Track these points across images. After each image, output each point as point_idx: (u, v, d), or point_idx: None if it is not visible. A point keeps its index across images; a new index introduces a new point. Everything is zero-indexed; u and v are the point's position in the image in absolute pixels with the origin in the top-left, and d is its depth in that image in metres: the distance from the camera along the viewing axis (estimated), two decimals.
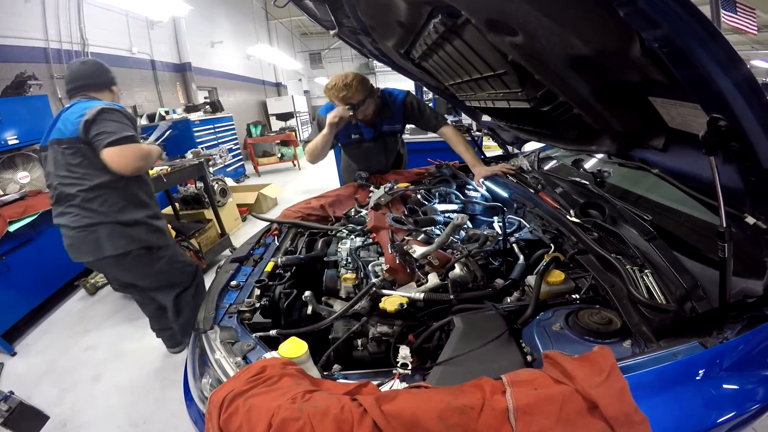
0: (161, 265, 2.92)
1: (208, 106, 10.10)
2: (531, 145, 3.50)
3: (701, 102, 1.00)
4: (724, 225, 1.12)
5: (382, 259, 1.97)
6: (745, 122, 0.93)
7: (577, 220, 1.88)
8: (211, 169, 5.92)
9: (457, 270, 1.74)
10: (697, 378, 1.17)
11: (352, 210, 2.63)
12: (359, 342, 1.54)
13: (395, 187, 2.64)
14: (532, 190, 2.34)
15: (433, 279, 1.74)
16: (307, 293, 1.70)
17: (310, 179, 10.32)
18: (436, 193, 2.85)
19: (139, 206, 2.77)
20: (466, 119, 5.51)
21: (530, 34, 1.14)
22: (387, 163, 3.42)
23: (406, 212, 2.49)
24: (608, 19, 0.87)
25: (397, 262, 1.83)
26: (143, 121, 8.05)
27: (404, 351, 1.33)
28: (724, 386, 1.19)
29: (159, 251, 2.90)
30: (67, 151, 2.54)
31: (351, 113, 2.75)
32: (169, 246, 3.00)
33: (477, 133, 4.46)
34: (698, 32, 0.79)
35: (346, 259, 2.03)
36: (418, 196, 2.75)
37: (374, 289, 1.66)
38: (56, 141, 2.57)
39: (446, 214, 2.44)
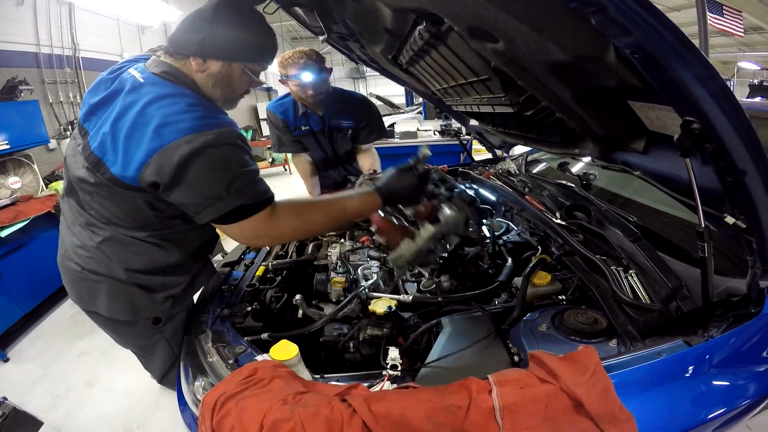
0: None
1: None
2: (520, 149, 3.53)
3: (674, 105, 1.03)
4: (703, 225, 1.15)
5: (372, 263, 1.99)
6: (717, 124, 0.96)
7: (563, 223, 1.91)
8: None
9: (447, 210, 1.64)
10: (686, 375, 1.19)
11: None
12: (351, 345, 1.56)
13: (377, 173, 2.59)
14: (519, 194, 2.37)
15: (427, 228, 1.64)
16: (298, 297, 1.71)
17: (301, 183, 10.25)
18: None
19: None
20: (455, 123, 5.55)
21: (510, 41, 1.16)
22: (334, 157, 3.30)
23: None
24: (582, 26, 0.90)
25: (384, 219, 1.77)
26: None
27: (393, 353, 1.35)
28: (714, 383, 1.22)
29: None
30: None
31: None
32: None
33: (466, 137, 4.48)
34: (667, 38, 0.82)
35: (336, 263, 2.05)
36: None
37: (364, 292, 1.68)
38: None
39: None
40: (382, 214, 1.77)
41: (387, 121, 7.52)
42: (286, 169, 11.87)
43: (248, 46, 1.51)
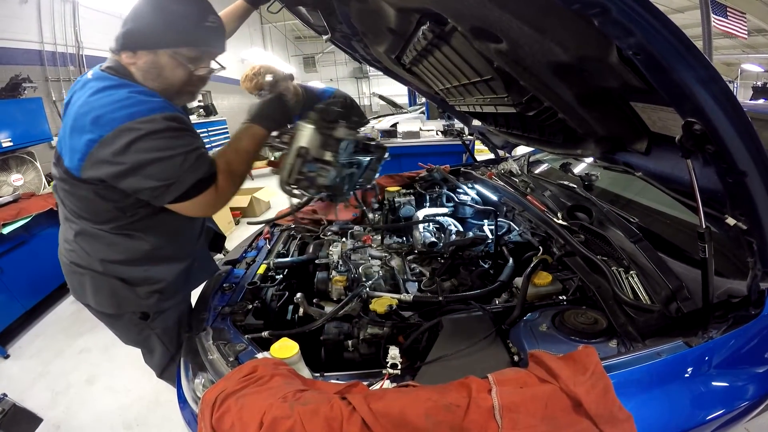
0: None
1: (201, 110, 10.04)
2: (523, 149, 3.53)
3: (676, 106, 1.03)
4: (704, 226, 1.15)
5: (373, 261, 2.00)
6: (719, 126, 0.95)
7: (565, 223, 1.91)
8: None
9: (297, 123, 1.58)
10: (686, 376, 1.20)
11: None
12: (350, 343, 1.56)
13: None
14: (520, 194, 2.37)
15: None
16: (299, 295, 1.72)
17: None
18: (427, 196, 2.88)
19: None
20: (458, 123, 5.54)
21: (513, 41, 1.17)
22: None
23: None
24: (585, 27, 0.90)
25: None
26: None
27: (393, 351, 1.35)
28: (713, 384, 1.22)
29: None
30: None
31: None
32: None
33: (469, 137, 4.48)
34: (668, 40, 0.82)
35: (337, 262, 2.06)
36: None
37: (365, 290, 1.69)
38: None
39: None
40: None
41: (390, 120, 7.52)
42: None
43: (169, 30, 1.42)
